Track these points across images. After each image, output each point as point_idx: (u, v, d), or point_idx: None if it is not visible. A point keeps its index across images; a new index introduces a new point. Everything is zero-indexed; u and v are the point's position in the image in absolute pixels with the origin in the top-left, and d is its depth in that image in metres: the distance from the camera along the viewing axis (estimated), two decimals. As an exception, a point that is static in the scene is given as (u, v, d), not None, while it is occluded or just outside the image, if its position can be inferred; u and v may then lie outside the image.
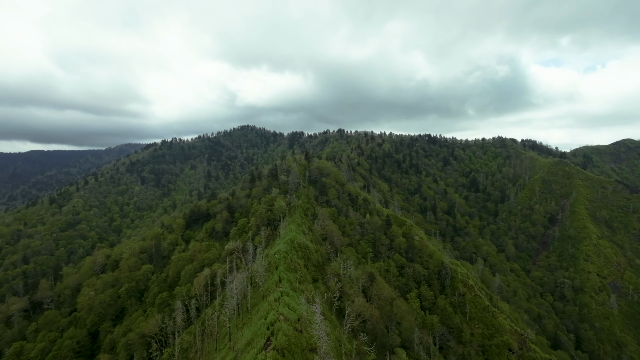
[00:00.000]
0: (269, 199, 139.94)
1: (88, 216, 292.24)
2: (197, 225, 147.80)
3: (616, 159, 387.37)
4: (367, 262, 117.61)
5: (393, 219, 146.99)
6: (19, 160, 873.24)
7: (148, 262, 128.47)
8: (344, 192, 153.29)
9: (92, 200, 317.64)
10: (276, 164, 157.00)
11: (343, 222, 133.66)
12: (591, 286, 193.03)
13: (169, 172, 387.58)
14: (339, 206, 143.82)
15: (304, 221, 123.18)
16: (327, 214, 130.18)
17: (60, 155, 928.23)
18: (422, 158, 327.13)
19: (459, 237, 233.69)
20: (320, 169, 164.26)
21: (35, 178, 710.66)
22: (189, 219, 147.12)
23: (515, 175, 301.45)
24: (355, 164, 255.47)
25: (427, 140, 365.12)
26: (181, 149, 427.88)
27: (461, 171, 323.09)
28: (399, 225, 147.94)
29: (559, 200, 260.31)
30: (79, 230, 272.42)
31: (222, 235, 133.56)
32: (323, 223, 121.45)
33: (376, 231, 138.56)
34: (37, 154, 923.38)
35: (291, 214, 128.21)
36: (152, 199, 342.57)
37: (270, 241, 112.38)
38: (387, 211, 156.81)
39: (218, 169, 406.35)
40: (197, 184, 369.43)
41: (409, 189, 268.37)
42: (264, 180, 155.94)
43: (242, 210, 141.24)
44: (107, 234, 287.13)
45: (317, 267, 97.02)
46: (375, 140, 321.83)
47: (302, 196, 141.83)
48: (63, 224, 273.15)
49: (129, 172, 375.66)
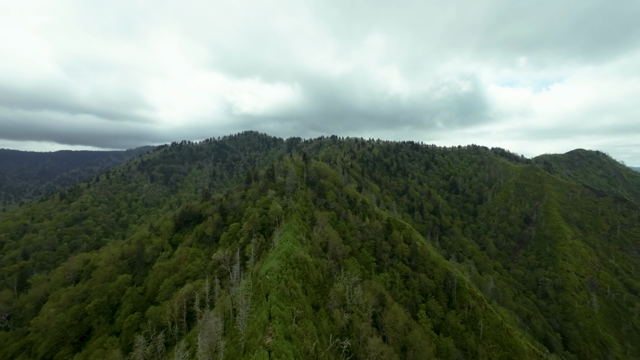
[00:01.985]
0: (264, 201, 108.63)
1: (95, 211, 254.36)
2: (187, 227, 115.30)
3: (571, 166, 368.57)
4: (371, 274, 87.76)
5: (393, 222, 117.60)
6: (48, 159, 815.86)
7: (129, 270, 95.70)
8: (342, 195, 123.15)
9: (101, 196, 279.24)
10: (273, 164, 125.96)
11: (343, 226, 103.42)
12: (571, 285, 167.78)
13: (178, 171, 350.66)
14: (338, 209, 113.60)
15: (302, 227, 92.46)
16: (326, 219, 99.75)
17: (86, 155, 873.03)
18: (407, 162, 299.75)
19: (445, 236, 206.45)
20: (318, 170, 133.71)
21: (60, 175, 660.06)
22: (179, 221, 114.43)
23: (490, 179, 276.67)
24: (348, 166, 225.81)
25: (410, 146, 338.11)
26: (189, 151, 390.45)
27: (441, 174, 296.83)
28: (399, 229, 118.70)
29: (532, 202, 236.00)
30: (85, 225, 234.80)
31: (213, 240, 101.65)
32: (322, 229, 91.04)
33: (377, 236, 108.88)
34: (65, 154, 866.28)
35: (287, 219, 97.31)
36: (159, 196, 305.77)
37: (263, 252, 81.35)
38: (387, 214, 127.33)
39: (223, 169, 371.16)
40: (202, 182, 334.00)
41: (398, 190, 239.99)
42: (260, 181, 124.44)
43: (236, 213, 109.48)
44: (113, 228, 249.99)
45: (318, 288, 66.52)
46: (366, 145, 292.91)
47: (300, 198, 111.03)
48: (69, 218, 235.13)
49: (140, 170, 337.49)
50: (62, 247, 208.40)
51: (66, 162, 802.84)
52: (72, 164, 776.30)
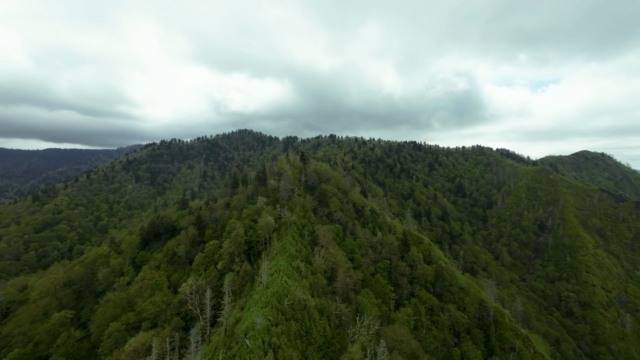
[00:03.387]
0: (252, 211, 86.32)
1: (71, 215, 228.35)
2: (158, 243, 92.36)
3: (576, 168, 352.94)
4: (390, 310, 66.28)
5: (409, 237, 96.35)
6: (34, 157, 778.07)
7: (74, 302, 72.68)
8: (347, 202, 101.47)
9: (79, 198, 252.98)
10: (265, 165, 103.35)
11: (351, 244, 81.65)
12: (599, 301, 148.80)
13: (166, 171, 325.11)
14: (344, 221, 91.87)
15: (299, 247, 70.45)
16: (330, 235, 77.92)
17: (75, 153, 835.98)
18: (410, 163, 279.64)
19: (456, 244, 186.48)
20: (319, 173, 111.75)
21: (46, 174, 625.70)
22: (147, 235, 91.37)
23: (498, 181, 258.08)
24: (350, 167, 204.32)
25: (412, 146, 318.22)
26: (179, 149, 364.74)
27: (446, 176, 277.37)
28: (416, 244, 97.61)
29: (546, 207, 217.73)
30: (57, 231, 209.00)
31: (186, 261, 79.04)
32: (327, 251, 69.25)
33: (392, 255, 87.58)
34: (53, 152, 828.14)
35: (281, 236, 75.27)
36: (144, 198, 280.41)
37: (247, 285, 59.15)
38: (400, 225, 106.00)
39: (215, 169, 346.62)
40: (192, 184, 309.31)
41: (403, 194, 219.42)
42: (249, 186, 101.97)
43: (217, 226, 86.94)
44: (90, 234, 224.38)
45: (324, 349, 44.74)
46: (367, 145, 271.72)
47: (297, 207, 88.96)
48: (39, 223, 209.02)
49: (124, 170, 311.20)
50: (28, 256, 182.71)
51: (54, 160, 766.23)
52: (60, 162, 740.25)
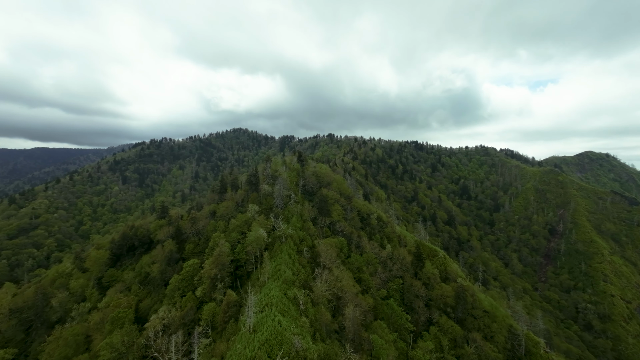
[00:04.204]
0: (241, 221, 74.01)
1: (50, 220, 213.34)
2: (131, 258, 79.61)
3: (581, 169, 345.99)
4: (408, 345, 54.59)
5: (423, 249, 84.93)
6: (20, 156, 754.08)
7: (22, 333, 59.84)
8: (351, 210, 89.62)
9: (60, 200, 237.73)
10: (257, 168, 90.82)
11: (357, 261, 69.81)
12: (619, 313, 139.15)
13: (155, 172, 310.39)
14: (348, 232, 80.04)
15: (297, 269, 58.45)
16: (334, 251, 66.01)
17: (64, 153, 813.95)
18: (412, 164, 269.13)
19: (464, 251, 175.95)
20: (318, 176, 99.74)
21: (32, 174, 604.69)
22: (118, 249, 78.56)
23: (505, 183, 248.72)
24: (350, 168, 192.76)
25: (414, 146, 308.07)
26: (170, 149, 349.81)
27: (450, 178, 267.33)
28: (429, 257, 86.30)
29: (556, 210, 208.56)
30: (33, 237, 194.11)
31: (161, 283, 66.56)
32: (330, 275, 57.31)
33: (404, 272, 76.04)
34: (40, 151, 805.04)
35: (275, 253, 63.25)
36: (131, 200, 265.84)
37: (230, 324, 46.94)
38: (411, 236, 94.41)
39: (207, 169, 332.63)
40: (183, 185, 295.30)
41: (406, 197, 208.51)
42: (239, 191, 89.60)
43: (199, 240, 74.49)
44: (71, 239, 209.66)
45: None
46: (368, 145, 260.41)
47: (294, 217, 76.86)
48: (13, 229, 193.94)
49: (111, 170, 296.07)
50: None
51: (41, 160, 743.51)
52: (47, 162, 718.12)
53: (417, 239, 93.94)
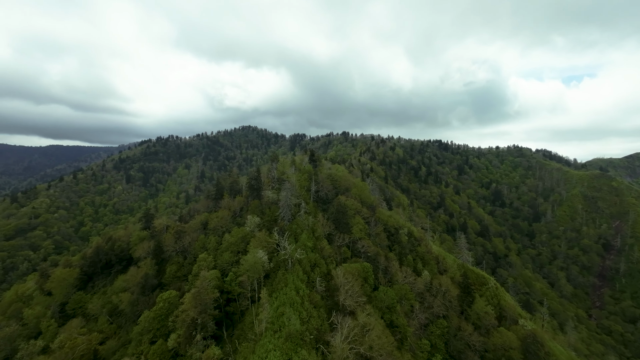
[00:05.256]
0: (237, 238, 59.88)
1: (49, 220, 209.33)
2: (106, 277, 67.22)
3: (631, 173, 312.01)
4: None
5: (471, 276, 67.82)
6: (35, 153, 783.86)
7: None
8: (376, 223, 73.64)
9: (61, 200, 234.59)
10: (259, 169, 76.27)
11: (388, 296, 53.92)
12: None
13: (160, 171, 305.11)
14: (373, 254, 64.20)
15: (307, 313, 43.41)
16: (357, 284, 50.46)
17: (77, 150, 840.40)
18: (436, 165, 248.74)
19: (502, 268, 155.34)
20: (334, 180, 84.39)
21: (44, 171, 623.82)
22: (89, 266, 66.29)
23: (545, 188, 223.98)
24: (368, 170, 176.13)
25: (437, 146, 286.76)
26: (177, 147, 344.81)
27: (479, 181, 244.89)
28: (477, 286, 69.05)
29: (611, 222, 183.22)
30: (31, 239, 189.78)
31: (132, 318, 53.38)
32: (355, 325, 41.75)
33: (448, 309, 59.40)
34: (55, 149, 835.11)
35: (278, 286, 48.52)
36: (134, 200, 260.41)
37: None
38: (453, 258, 77.18)
39: (214, 169, 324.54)
40: (188, 185, 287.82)
41: (431, 203, 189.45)
42: (238, 198, 75.59)
43: (183, 260, 60.93)
44: (70, 241, 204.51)
45: None
46: (387, 144, 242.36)
47: (304, 233, 61.91)
48: (11, 230, 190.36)
49: (115, 169, 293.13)
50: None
51: (55, 157, 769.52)
52: (60, 159, 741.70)
53: (459, 260, 76.58)
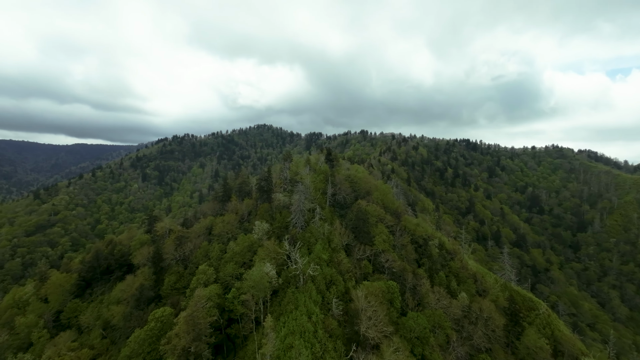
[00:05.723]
0: (243, 247, 53.66)
1: (68, 217, 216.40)
2: (105, 284, 63.49)
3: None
4: None
5: (517, 299, 57.71)
6: (62, 151, 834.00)
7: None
8: (402, 233, 65.11)
9: (80, 197, 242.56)
10: (269, 169, 69.70)
11: (418, 323, 45.49)
12: None
13: (175, 170, 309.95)
14: (399, 269, 55.85)
15: (320, 345, 36.12)
16: (382, 309, 42.54)
17: (100, 149, 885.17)
18: (463, 167, 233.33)
19: (542, 284, 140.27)
20: (354, 182, 76.53)
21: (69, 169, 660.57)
22: (88, 271, 62.75)
23: (591, 194, 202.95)
24: (389, 171, 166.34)
25: (465, 146, 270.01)
26: (192, 146, 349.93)
27: (513, 185, 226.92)
28: (525, 311, 58.71)
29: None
30: (50, 235, 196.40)
31: (124, 333, 48.52)
32: None
33: (492, 341, 49.85)
34: (80, 147, 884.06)
35: (287, 308, 41.50)
36: (149, 199, 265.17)
37: None
38: (496, 278, 66.94)
39: (228, 168, 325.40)
40: (202, 184, 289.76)
41: (459, 208, 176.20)
42: (246, 201, 69.71)
43: (184, 270, 55.60)
44: (86, 239, 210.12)
45: None
46: (409, 143, 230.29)
47: (319, 243, 54.66)
48: (32, 226, 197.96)
49: (132, 167, 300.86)
50: (13, 264, 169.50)
51: (80, 155, 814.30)
52: (85, 157, 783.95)
53: (501, 279, 66.13)
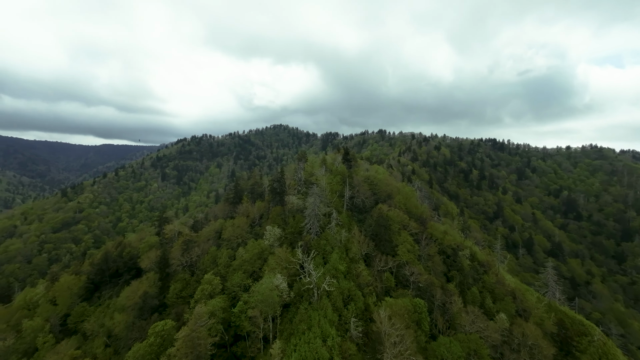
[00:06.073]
0: (253, 254, 49.55)
1: (91, 215, 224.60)
2: (114, 287, 61.76)
3: None
4: None
5: (569, 323, 49.68)
6: (91, 152, 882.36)
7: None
8: (428, 242, 58.59)
9: (103, 196, 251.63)
10: (282, 170, 64.99)
11: (454, 352, 39.21)
12: None
13: (193, 170, 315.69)
14: (426, 284, 49.57)
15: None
16: (409, 334, 36.70)
17: (125, 149, 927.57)
18: (489, 168, 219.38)
19: (583, 299, 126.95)
20: (373, 184, 70.68)
21: (96, 168, 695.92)
22: (96, 274, 61.24)
23: (637, 198, 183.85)
24: (409, 172, 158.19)
25: (491, 145, 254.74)
26: (209, 146, 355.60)
27: (545, 187, 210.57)
28: (575, 337, 50.40)
29: None
30: (74, 232, 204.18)
31: (128, 345, 45.77)
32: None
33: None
34: (107, 147, 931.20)
35: (296, 328, 36.66)
36: (168, 198, 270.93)
37: None
38: (539, 296, 58.81)
39: (244, 168, 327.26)
40: (218, 184, 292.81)
41: (486, 212, 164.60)
42: (258, 203, 65.81)
43: (191, 277, 52.29)
44: (108, 236, 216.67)
45: None
46: (430, 143, 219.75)
47: (335, 252, 49.53)
48: (58, 223, 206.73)
49: (153, 167, 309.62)
50: (40, 259, 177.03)
51: (107, 155, 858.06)
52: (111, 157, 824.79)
53: (545, 298, 57.82)
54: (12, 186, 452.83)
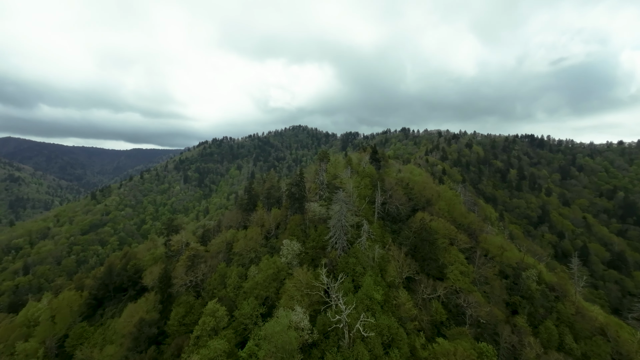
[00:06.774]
0: (266, 275, 40.52)
1: (117, 217, 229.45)
2: (117, 304, 55.52)
3: None
4: None
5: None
6: (122, 156, 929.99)
7: None
8: (483, 261, 46.79)
9: (129, 198, 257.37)
10: (301, 172, 55.69)
11: None
12: None
13: (214, 172, 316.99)
14: (487, 320, 38.06)
15: None
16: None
17: (153, 153, 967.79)
18: (528, 167, 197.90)
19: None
20: (409, 187, 59.51)
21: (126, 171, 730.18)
22: (98, 290, 55.23)
23: None
24: (439, 172, 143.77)
25: (529, 142, 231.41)
26: (230, 148, 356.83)
27: (595, 188, 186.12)
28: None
29: None
30: (101, 234, 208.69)
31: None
32: None
33: None
34: (137, 152, 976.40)
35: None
36: (190, 200, 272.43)
37: None
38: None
39: (264, 169, 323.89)
40: (238, 186, 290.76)
41: (528, 216, 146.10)
42: (274, 211, 57.00)
43: (196, 300, 44.30)
44: (133, 238, 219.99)
45: None
46: (461, 141, 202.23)
47: (368, 275, 39.43)
48: (87, 225, 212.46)
49: (176, 169, 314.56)
50: (69, 260, 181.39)
51: (136, 159, 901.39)
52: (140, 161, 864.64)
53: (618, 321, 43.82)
54: (52, 189, 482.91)
